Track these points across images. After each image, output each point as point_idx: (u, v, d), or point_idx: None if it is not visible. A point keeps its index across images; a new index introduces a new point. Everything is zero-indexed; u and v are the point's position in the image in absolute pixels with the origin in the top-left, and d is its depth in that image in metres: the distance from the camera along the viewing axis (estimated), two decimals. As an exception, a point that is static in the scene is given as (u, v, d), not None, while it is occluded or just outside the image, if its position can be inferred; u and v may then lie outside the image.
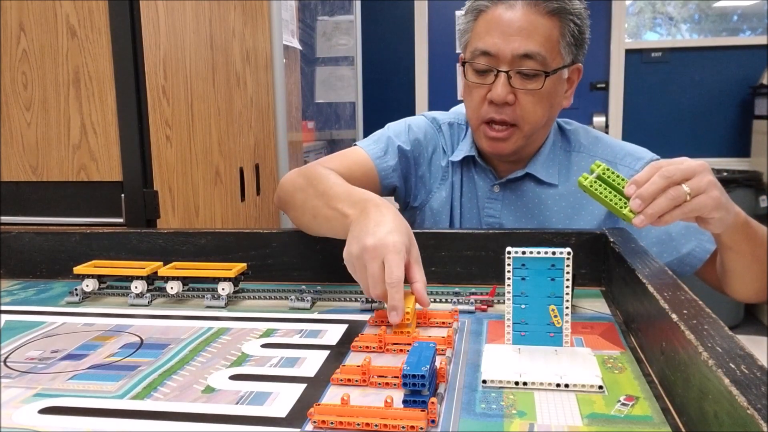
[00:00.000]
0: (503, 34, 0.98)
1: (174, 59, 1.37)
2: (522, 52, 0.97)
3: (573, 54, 1.03)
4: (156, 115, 1.29)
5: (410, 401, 0.51)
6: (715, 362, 0.42)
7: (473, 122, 1.06)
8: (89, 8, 1.24)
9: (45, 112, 1.28)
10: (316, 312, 0.81)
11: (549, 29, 0.98)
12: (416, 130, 1.14)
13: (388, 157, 1.11)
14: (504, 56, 0.98)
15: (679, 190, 0.72)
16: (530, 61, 0.98)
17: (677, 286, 0.60)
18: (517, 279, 0.62)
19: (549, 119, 1.05)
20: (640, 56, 3.62)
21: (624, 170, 1.06)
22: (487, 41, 0.99)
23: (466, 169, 1.13)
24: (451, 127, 1.16)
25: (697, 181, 0.73)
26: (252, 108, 1.82)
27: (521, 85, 0.99)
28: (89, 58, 1.25)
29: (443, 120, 1.17)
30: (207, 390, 0.58)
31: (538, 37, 0.97)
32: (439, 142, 1.15)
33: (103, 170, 1.28)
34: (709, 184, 0.74)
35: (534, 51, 0.97)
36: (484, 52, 0.99)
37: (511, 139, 1.02)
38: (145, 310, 0.83)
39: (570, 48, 1.02)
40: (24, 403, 0.57)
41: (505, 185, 1.10)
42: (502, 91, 0.98)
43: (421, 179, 1.15)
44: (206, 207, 1.51)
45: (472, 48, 1.02)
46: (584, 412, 0.51)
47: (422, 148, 1.14)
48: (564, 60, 1.01)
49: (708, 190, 0.74)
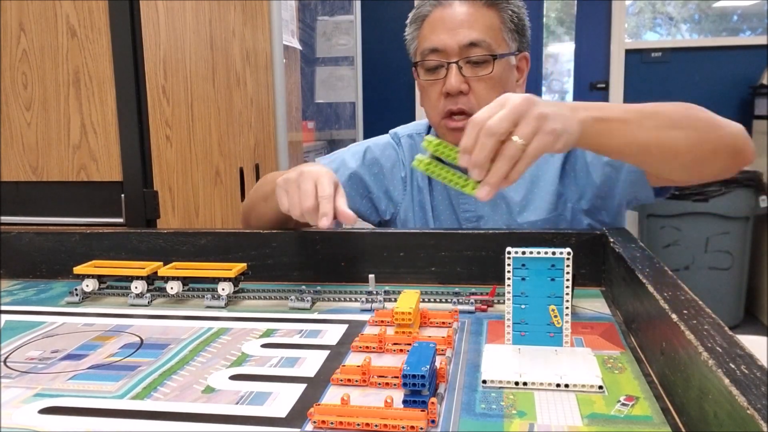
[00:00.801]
0: (448, 29, 1.03)
1: (174, 59, 1.37)
2: (467, 41, 1.02)
3: (517, 41, 1.08)
4: (156, 115, 1.29)
5: (410, 401, 0.51)
6: (715, 362, 0.42)
7: (434, 120, 1.09)
8: (89, 8, 1.24)
9: (45, 112, 1.28)
10: (316, 312, 0.81)
11: (490, 18, 1.04)
12: (374, 149, 1.20)
13: (338, 175, 1.17)
14: (452, 49, 1.02)
15: (513, 146, 0.66)
16: (477, 48, 1.02)
17: (677, 286, 0.60)
18: (517, 279, 0.62)
19: None
20: (640, 56, 3.62)
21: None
22: (433, 39, 1.04)
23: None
24: (411, 138, 1.21)
25: (525, 125, 0.67)
26: (252, 108, 1.82)
27: (472, 73, 1.03)
28: (89, 58, 1.25)
29: (403, 133, 1.22)
30: (207, 390, 0.58)
31: (480, 26, 1.03)
32: (399, 155, 1.20)
33: (103, 170, 1.28)
34: (539, 118, 0.67)
35: (479, 39, 1.02)
36: (433, 49, 1.04)
37: None
38: (145, 310, 0.83)
39: (513, 35, 1.07)
40: (24, 403, 0.57)
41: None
42: (456, 80, 1.02)
43: (386, 194, 1.19)
44: (206, 207, 1.51)
45: (421, 50, 1.06)
46: (584, 412, 0.51)
47: (381, 165, 1.19)
48: (510, 47, 1.06)
49: (541, 127, 0.67)
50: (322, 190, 0.81)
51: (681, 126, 0.81)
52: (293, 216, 0.85)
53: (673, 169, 0.86)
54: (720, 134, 0.84)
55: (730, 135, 0.85)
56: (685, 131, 0.81)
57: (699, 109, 0.84)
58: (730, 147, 0.86)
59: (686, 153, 0.82)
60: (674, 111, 0.82)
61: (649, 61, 3.61)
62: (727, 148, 0.85)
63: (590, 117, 0.74)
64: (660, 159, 0.82)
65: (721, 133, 0.84)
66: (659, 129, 0.79)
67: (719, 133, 0.84)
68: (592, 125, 0.75)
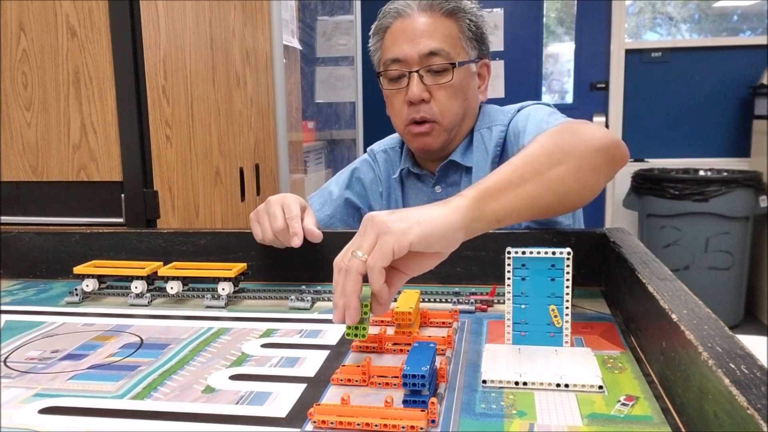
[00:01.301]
0: (408, 40, 1.06)
1: (174, 59, 1.37)
2: (427, 50, 1.04)
3: (477, 49, 1.11)
4: (156, 115, 1.29)
5: (410, 401, 0.51)
6: (715, 362, 0.42)
7: (400, 128, 1.12)
8: (89, 8, 1.24)
9: (45, 112, 1.28)
10: (316, 312, 0.81)
11: (448, 28, 1.07)
12: (356, 171, 1.25)
13: (325, 208, 1.23)
14: (412, 58, 1.05)
15: (352, 262, 0.59)
16: (436, 57, 1.05)
17: (677, 287, 0.60)
18: (517, 279, 0.62)
19: (467, 112, 1.11)
20: (640, 56, 3.62)
21: (497, 129, 1.11)
22: (394, 50, 1.07)
23: (408, 182, 1.20)
24: (386, 153, 1.25)
25: (361, 240, 0.61)
26: (252, 108, 1.82)
27: (433, 81, 1.06)
28: (89, 58, 1.25)
29: (378, 149, 1.26)
30: (207, 390, 0.58)
31: (439, 36, 1.05)
32: (375, 171, 1.24)
33: (103, 170, 1.28)
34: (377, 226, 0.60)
35: (437, 47, 1.04)
36: (394, 59, 1.07)
37: (434, 133, 1.09)
38: (145, 310, 0.83)
39: (472, 43, 1.10)
40: (24, 403, 0.57)
41: (442, 183, 1.16)
42: (417, 89, 1.05)
43: (370, 209, 1.22)
44: (206, 207, 1.51)
45: (384, 60, 1.09)
46: (584, 412, 0.51)
47: (362, 183, 1.24)
48: (469, 55, 1.09)
49: (381, 236, 0.59)
50: (289, 211, 0.87)
51: (559, 160, 0.73)
52: (266, 241, 0.89)
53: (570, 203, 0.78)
54: (593, 147, 0.76)
55: (601, 145, 0.77)
56: (565, 164, 0.73)
57: (565, 130, 0.78)
58: (607, 156, 0.78)
59: (574, 183, 0.74)
60: (544, 148, 0.74)
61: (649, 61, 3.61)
62: (605, 159, 0.78)
63: (466, 200, 0.64)
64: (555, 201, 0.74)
65: (595, 145, 0.77)
66: (541, 174, 0.71)
67: (593, 147, 0.76)
68: (475, 205, 0.64)
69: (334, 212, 1.23)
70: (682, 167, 3.39)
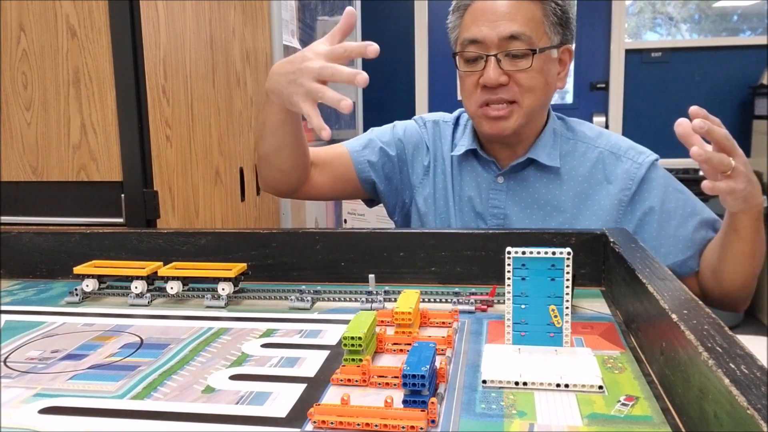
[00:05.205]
0: (488, 21, 1.02)
1: (174, 59, 1.37)
2: (508, 34, 1.00)
3: (560, 34, 1.06)
4: (156, 115, 1.29)
5: (410, 401, 0.51)
6: (715, 362, 0.42)
7: (471, 110, 1.08)
8: (89, 8, 1.24)
9: (45, 112, 1.28)
10: (316, 312, 0.81)
11: (532, 11, 1.02)
12: (399, 130, 1.19)
13: (366, 151, 1.16)
14: (491, 41, 1.01)
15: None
16: (517, 41, 1.01)
17: (677, 287, 0.60)
18: (517, 279, 0.62)
19: (545, 98, 1.07)
20: (640, 56, 3.62)
21: (627, 162, 1.08)
22: (473, 30, 1.03)
23: (467, 163, 1.15)
24: (436, 125, 1.19)
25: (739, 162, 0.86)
26: (252, 108, 1.82)
27: (511, 65, 1.02)
28: (89, 58, 1.25)
29: (428, 118, 1.21)
30: (207, 390, 0.58)
31: (521, 19, 1.01)
32: (423, 137, 1.18)
33: (103, 170, 1.28)
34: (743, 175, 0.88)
35: (519, 31, 1.00)
36: (472, 40, 1.03)
37: (512, 117, 1.04)
38: (145, 310, 0.83)
39: (555, 28, 1.05)
40: (24, 403, 0.57)
41: (508, 175, 1.11)
42: (494, 73, 1.01)
43: (407, 177, 1.18)
44: (206, 207, 1.51)
45: (461, 40, 1.05)
46: (584, 412, 0.51)
47: (404, 146, 1.17)
48: (551, 40, 1.05)
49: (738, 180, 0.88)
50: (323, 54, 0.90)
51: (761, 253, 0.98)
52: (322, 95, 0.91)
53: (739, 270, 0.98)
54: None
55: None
56: (760, 258, 0.98)
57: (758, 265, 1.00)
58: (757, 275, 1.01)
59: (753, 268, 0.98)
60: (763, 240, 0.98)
61: (649, 61, 3.61)
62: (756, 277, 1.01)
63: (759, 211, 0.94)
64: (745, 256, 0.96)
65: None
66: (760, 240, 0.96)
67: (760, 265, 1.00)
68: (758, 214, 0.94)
69: (376, 162, 1.16)
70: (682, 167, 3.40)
